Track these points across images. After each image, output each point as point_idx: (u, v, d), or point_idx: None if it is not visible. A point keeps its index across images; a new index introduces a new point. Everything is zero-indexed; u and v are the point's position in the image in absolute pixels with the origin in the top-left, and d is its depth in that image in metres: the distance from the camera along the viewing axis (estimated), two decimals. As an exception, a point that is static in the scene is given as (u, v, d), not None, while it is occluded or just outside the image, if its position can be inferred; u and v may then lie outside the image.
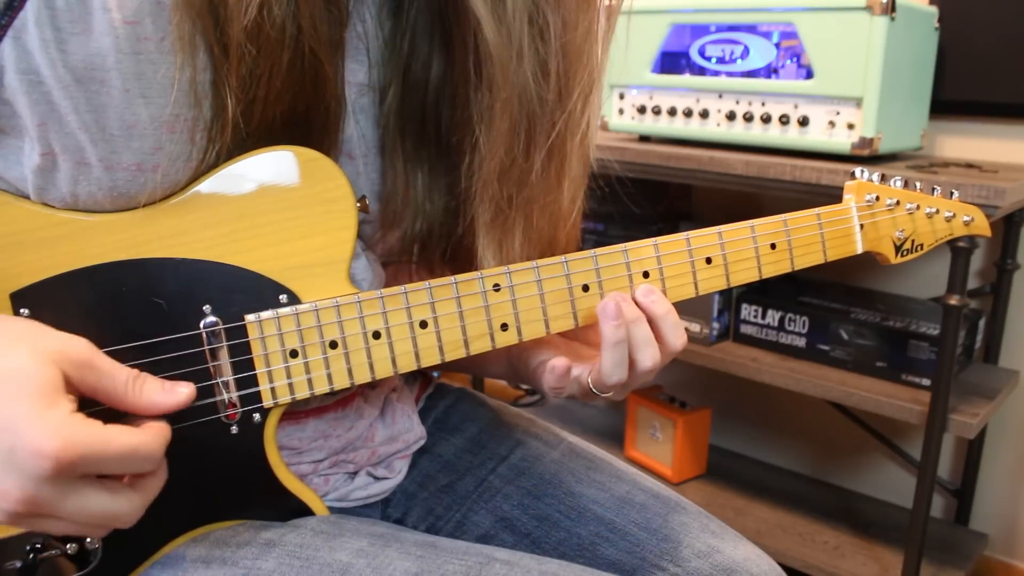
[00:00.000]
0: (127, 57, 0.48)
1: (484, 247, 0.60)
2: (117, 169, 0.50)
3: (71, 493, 0.44)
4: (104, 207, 0.51)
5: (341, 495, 0.67)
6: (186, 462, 0.53)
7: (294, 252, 0.55)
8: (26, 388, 0.43)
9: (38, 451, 0.41)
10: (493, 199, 0.59)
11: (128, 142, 0.50)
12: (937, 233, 0.74)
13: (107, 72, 0.48)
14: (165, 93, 0.50)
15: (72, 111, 0.48)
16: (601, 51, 0.61)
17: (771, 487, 1.67)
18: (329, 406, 0.65)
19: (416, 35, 0.59)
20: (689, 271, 0.62)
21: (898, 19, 1.19)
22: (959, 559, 1.44)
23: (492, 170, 0.58)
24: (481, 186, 0.59)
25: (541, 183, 0.60)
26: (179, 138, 0.51)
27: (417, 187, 0.61)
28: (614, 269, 0.60)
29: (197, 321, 0.53)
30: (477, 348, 0.58)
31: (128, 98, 0.49)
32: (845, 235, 0.68)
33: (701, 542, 0.66)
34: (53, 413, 0.42)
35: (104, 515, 0.45)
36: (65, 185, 0.50)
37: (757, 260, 0.64)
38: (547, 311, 0.59)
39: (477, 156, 0.58)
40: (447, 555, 0.56)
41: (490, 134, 0.57)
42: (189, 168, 0.52)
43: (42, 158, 0.49)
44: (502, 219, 0.60)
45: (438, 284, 0.57)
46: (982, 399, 1.30)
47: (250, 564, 0.55)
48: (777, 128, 1.32)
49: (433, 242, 0.64)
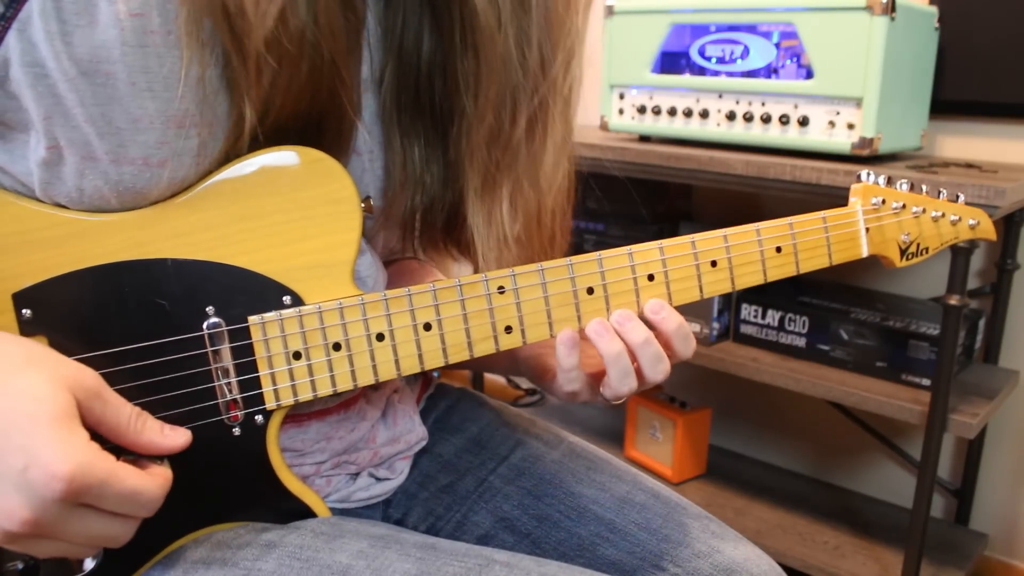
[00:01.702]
0: (133, 50, 0.48)
1: (474, 215, 0.61)
2: (123, 163, 0.50)
3: (75, 517, 0.44)
4: (110, 203, 0.51)
5: (343, 496, 0.67)
6: (188, 463, 0.53)
7: (298, 253, 0.55)
8: (44, 411, 0.43)
9: (53, 473, 0.42)
10: (483, 165, 0.61)
11: (135, 136, 0.50)
12: (943, 237, 0.73)
13: (113, 65, 0.48)
14: (172, 88, 0.49)
15: (78, 104, 0.48)
16: (582, 21, 0.63)
17: (771, 487, 1.67)
18: (332, 408, 0.65)
19: (407, 11, 0.60)
20: (694, 274, 0.62)
21: (898, 19, 1.19)
22: (959, 559, 1.44)
23: (481, 136, 0.60)
24: (470, 153, 0.60)
25: (526, 149, 0.62)
26: (186, 134, 0.51)
27: (415, 159, 0.62)
28: (619, 272, 0.60)
29: (200, 322, 0.53)
30: (481, 350, 0.58)
31: (134, 91, 0.49)
32: (851, 239, 0.68)
33: (701, 542, 0.66)
34: (73, 438, 0.43)
35: (101, 536, 0.46)
36: (71, 179, 0.50)
37: (762, 264, 0.64)
38: (551, 314, 0.59)
39: (465, 123, 0.60)
40: (446, 557, 0.57)
41: (477, 101, 0.59)
42: (197, 166, 0.52)
43: (48, 152, 0.49)
44: (491, 186, 0.61)
45: (442, 286, 0.56)
46: (982, 399, 1.30)
47: (250, 565, 0.55)
48: (777, 128, 1.32)
49: (434, 215, 0.64)
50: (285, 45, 0.50)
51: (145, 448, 0.49)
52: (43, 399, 0.44)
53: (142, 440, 0.49)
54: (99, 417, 0.47)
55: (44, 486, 0.42)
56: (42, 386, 0.44)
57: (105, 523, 0.46)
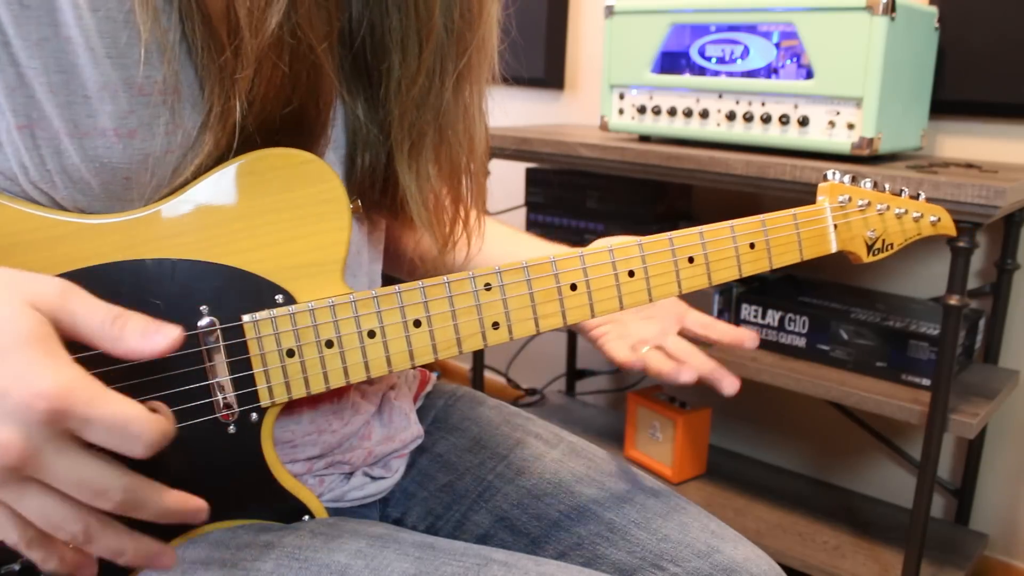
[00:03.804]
0: (89, 15, 0.48)
1: (404, 174, 0.62)
2: (95, 135, 0.50)
3: (64, 450, 0.40)
4: (92, 186, 0.51)
5: (337, 496, 0.67)
6: (184, 462, 0.53)
7: (289, 253, 0.56)
8: (15, 334, 0.40)
9: (36, 391, 0.39)
10: (413, 126, 0.62)
11: (101, 105, 0.49)
12: (906, 233, 0.76)
13: (70, 29, 0.47)
14: (131, 54, 0.49)
15: (42, 72, 0.48)
16: None
17: (771, 487, 1.67)
18: (324, 397, 0.65)
19: None
20: (672, 270, 0.64)
21: (898, 19, 1.19)
22: (959, 559, 1.43)
23: (412, 97, 0.61)
24: (400, 114, 0.61)
25: (453, 109, 0.64)
26: (153, 101, 0.50)
27: (359, 117, 0.62)
28: (600, 268, 0.62)
29: (194, 322, 0.53)
30: (470, 347, 0.59)
31: (94, 58, 0.48)
32: (820, 235, 0.70)
33: (701, 542, 0.66)
34: (54, 357, 0.40)
35: (92, 483, 0.41)
36: (49, 159, 0.50)
37: (737, 259, 0.66)
38: (537, 310, 0.60)
39: (394, 83, 0.61)
40: (445, 556, 0.56)
41: (406, 61, 0.60)
42: (168, 135, 0.52)
43: (20, 132, 0.49)
44: (419, 146, 0.63)
45: (431, 284, 0.57)
46: (982, 399, 1.30)
47: (249, 566, 0.55)
48: (777, 128, 1.32)
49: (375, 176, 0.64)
50: (263, 35, 0.51)
51: (126, 353, 0.44)
52: (10, 321, 0.40)
53: (121, 345, 0.44)
54: (71, 326, 0.43)
55: (27, 407, 0.39)
56: (4, 309, 0.41)
57: (96, 466, 0.42)
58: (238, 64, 0.51)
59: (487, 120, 0.69)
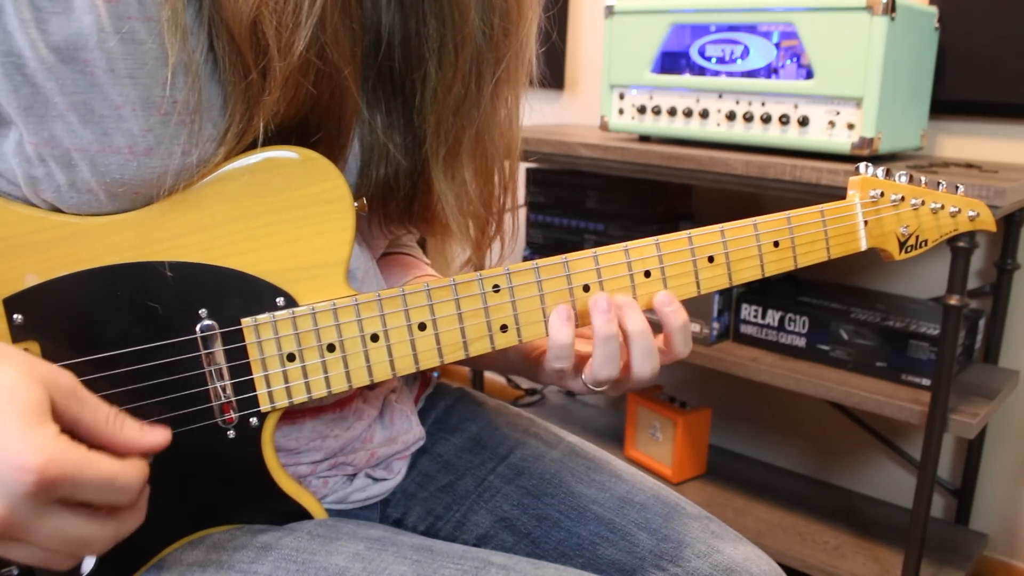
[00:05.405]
0: (110, 37, 0.47)
1: (440, 181, 0.62)
2: (109, 152, 0.49)
3: (48, 515, 0.43)
4: (100, 199, 0.51)
5: (340, 497, 0.67)
6: (183, 466, 0.53)
7: (291, 254, 0.55)
8: (14, 405, 0.42)
9: (22, 466, 0.40)
10: (449, 133, 0.61)
11: (118, 124, 0.49)
12: (942, 228, 0.72)
13: (90, 52, 0.47)
14: (154, 75, 0.49)
15: (57, 92, 0.47)
16: None
17: (771, 487, 1.67)
18: (327, 407, 0.64)
19: None
20: (691, 270, 0.61)
21: (898, 19, 1.19)
22: (959, 559, 1.43)
23: (449, 105, 0.60)
24: (436, 122, 0.60)
25: (490, 115, 0.63)
26: (172, 121, 0.50)
27: (377, 127, 0.61)
28: (615, 269, 0.60)
29: (193, 325, 0.53)
30: (476, 350, 0.58)
31: (114, 78, 0.48)
32: (849, 232, 0.67)
33: (701, 542, 0.66)
34: (41, 431, 0.42)
35: (77, 540, 0.44)
36: (58, 174, 0.49)
37: (760, 258, 0.63)
38: (547, 312, 0.59)
39: (430, 91, 0.60)
40: (443, 559, 0.56)
41: (442, 69, 0.59)
42: (184, 156, 0.51)
43: (32, 146, 0.49)
44: (456, 152, 0.62)
45: (436, 286, 0.56)
46: (982, 399, 1.30)
47: (246, 568, 0.55)
48: (777, 128, 1.31)
49: (399, 185, 0.63)
50: (292, 55, 0.51)
51: (124, 447, 0.47)
52: (14, 394, 0.42)
53: (120, 438, 0.47)
54: (76, 416, 0.45)
55: (13, 480, 0.40)
56: (15, 382, 0.43)
57: (81, 524, 0.44)
58: (265, 85, 0.51)
59: (521, 123, 0.68)
